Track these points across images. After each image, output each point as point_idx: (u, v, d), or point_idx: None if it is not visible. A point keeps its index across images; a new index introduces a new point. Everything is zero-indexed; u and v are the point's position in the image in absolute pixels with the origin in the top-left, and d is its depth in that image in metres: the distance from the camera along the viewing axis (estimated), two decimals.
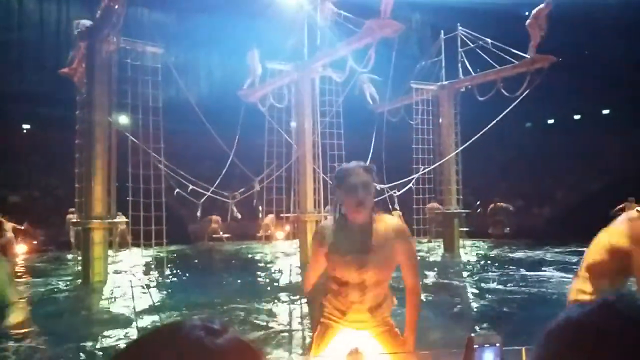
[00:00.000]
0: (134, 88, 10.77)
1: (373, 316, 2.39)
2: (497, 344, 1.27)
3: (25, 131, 26.71)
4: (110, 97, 10.64)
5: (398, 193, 14.05)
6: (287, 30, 13.48)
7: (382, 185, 13.32)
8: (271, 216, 16.02)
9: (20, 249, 16.03)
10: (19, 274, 12.02)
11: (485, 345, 1.26)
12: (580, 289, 1.64)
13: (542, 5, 12.16)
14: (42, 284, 10.15)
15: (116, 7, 9.38)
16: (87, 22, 10.95)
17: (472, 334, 1.29)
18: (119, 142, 11.03)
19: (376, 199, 2.77)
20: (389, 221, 2.43)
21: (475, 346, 1.26)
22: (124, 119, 11.96)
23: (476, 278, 10.41)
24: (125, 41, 10.71)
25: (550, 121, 30.68)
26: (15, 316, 2.81)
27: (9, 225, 15.87)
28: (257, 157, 14.57)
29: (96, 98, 10.20)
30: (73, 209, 15.01)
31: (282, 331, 6.25)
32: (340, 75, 12.89)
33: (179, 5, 26.16)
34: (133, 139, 10.83)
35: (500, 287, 9.13)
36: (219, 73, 28.41)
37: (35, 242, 17.78)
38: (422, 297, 2.66)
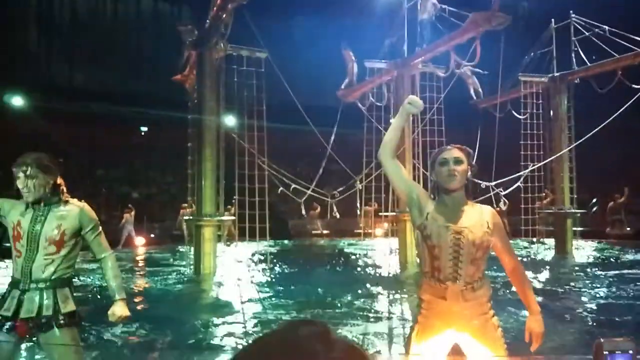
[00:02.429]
0: (240, 92, 11.28)
1: (469, 303, 2.39)
2: (630, 351, 1.14)
3: (143, 133, 28.92)
4: (219, 102, 11.23)
5: (505, 192, 13.40)
6: (386, 28, 13.37)
7: (488, 183, 12.79)
8: (369, 209, 15.94)
9: (139, 242, 17.46)
10: (137, 264, 13.15)
11: (617, 352, 1.13)
12: None
13: None
14: (158, 275, 11.01)
15: (224, 16, 9.85)
16: (191, 28, 11.59)
17: (602, 339, 1.17)
18: (226, 144, 11.62)
19: (481, 198, 2.86)
20: (482, 206, 2.56)
21: (605, 352, 1.14)
22: (231, 122, 12.56)
23: (588, 281, 9.72)
24: (232, 47, 11.25)
25: None
26: (119, 310, 3.03)
27: (132, 218, 17.36)
28: (357, 156, 14.61)
29: (206, 103, 10.81)
30: (186, 205, 16.07)
31: (381, 329, 6.24)
32: (444, 70, 12.56)
33: (280, 8, 26.95)
34: (241, 141, 11.34)
35: (613, 290, 8.51)
36: (320, 72, 28.85)
37: (152, 236, 19.28)
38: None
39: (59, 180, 2.97)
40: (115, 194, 22.25)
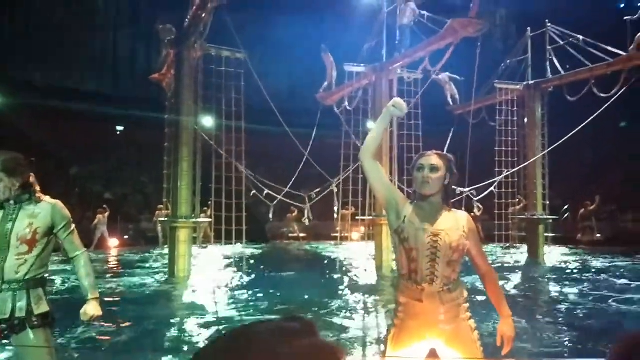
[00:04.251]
0: (218, 93, 11.20)
1: (446, 306, 2.42)
2: None
3: (118, 132, 28.51)
4: (197, 102, 11.15)
5: (478, 198, 13.59)
6: (365, 32, 13.47)
7: (462, 189, 12.95)
8: (346, 213, 15.99)
9: (113, 243, 17.17)
10: (111, 266, 12.94)
11: None
12: None
13: None
14: (131, 277, 10.85)
15: (203, 15, 9.79)
16: (169, 28, 11.50)
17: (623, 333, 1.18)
18: (203, 145, 11.53)
19: (454, 200, 2.91)
20: (458, 211, 2.63)
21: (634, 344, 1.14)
22: (208, 123, 12.47)
23: (559, 286, 9.94)
24: (210, 47, 11.18)
25: None
26: (91, 309, 2.99)
27: (105, 219, 17.03)
28: (336, 158, 14.67)
29: (183, 103, 10.72)
30: (162, 206, 15.89)
31: (356, 332, 6.25)
32: (411, 76, 12.72)
33: (260, 10, 26.90)
34: (215, 146, 11.27)
35: (583, 295, 8.72)
36: (299, 75, 28.90)
37: (126, 237, 18.98)
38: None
39: (31, 179, 2.91)
40: (89, 194, 21.85)
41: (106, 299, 8.14)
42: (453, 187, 2.65)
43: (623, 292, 8.94)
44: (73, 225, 3.02)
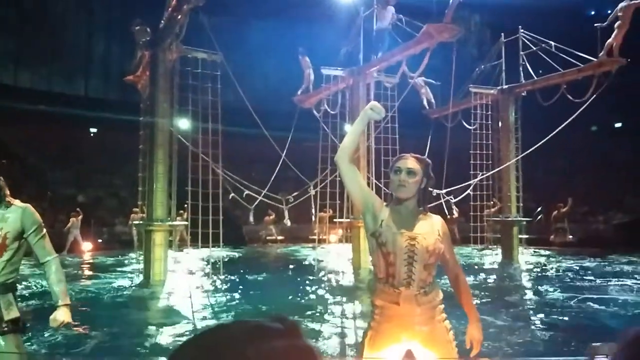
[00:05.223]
0: (194, 95, 11.08)
1: (422, 307, 2.45)
2: None
3: (92, 135, 28.03)
4: (172, 104, 11.02)
5: (455, 200, 13.75)
6: (342, 36, 13.52)
7: (439, 191, 13.09)
8: (324, 215, 16.01)
9: (86, 247, 16.83)
10: (84, 271, 12.70)
11: (609, 356, 1.15)
12: None
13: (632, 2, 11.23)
14: (106, 281, 10.66)
15: (179, 17, 9.70)
16: (145, 29, 11.36)
17: (594, 344, 1.21)
18: (179, 147, 11.40)
19: (432, 204, 2.93)
20: (432, 215, 2.63)
21: (599, 356, 1.17)
22: (184, 125, 12.34)
23: (534, 287, 10.13)
24: (186, 49, 11.07)
25: (618, 125, 29.18)
26: (61, 316, 2.93)
27: (78, 223, 16.70)
28: (313, 161, 14.68)
29: (159, 105, 10.59)
30: (137, 209, 15.64)
31: (333, 335, 6.26)
32: (391, 80, 12.79)
33: (237, 12, 26.78)
34: (192, 147, 11.15)
35: (556, 295, 8.90)
36: (276, 78, 28.86)
37: (100, 241, 18.65)
38: (478, 301, 2.67)
39: (0, 183, 2.84)
40: (62, 197, 21.39)
41: (79, 304, 7.99)
42: (430, 189, 2.67)
43: (595, 291, 9.15)
44: (44, 230, 2.96)
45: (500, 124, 14.87)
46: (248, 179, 14.05)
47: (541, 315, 7.39)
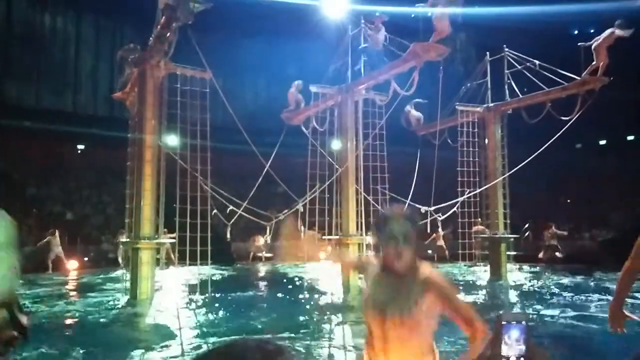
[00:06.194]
0: (182, 112, 11.07)
1: None
2: (524, 322, 1.37)
3: (79, 151, 27.82)
4: (160, 121, 11.00)
5: (443, 217, 13.80)
6: (331, 54, 13.64)
7: (426, 208, 13.14)
8: (313, 234, 15.96)
9: (72, 265, 16.58)
10: (69, 289, 12.50)
11: (513, 323, 1.37)
12: None
13: (618, 31, 11.42)
14: (91, 300, 10.50)
15: (168, 34, 9.74)
16: (133, 46, 11.37)
17: (501, 312, 1.41)
18: (167, 164, 11.34)
19: (421, 221, 2.79)
20: (422, 272, 2.26)
21: (503, 323, 1.37)
22: (173, 142, 12.30)
23: (522, 303, 10.15)
24: (175, 66, 11.08)
25: (602, 142, 29.65)
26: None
27: (57, 240, 16.34)
28: (301, 179, 14.68)
29: (147, 122, 10.57)
30: (124, 230, 15.45)
31: (322, 354, 6.21)
32: (383, 98, 12.89)
33: (226, 29, 26.93)
34: (182, 162, 11.10)
35: (547, 312, 8.90)
36: (265, 95, 28.98)
37: (86, 259, 18.39)
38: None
39: None
40: (48, 214, 21.13)
41: (64, 323, 7.87)
42: (418, 205, 2.59)
43: (583, 309, 9.18)
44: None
45: (486, 141, 15.02)
46: (237, 196, 13.98)
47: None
